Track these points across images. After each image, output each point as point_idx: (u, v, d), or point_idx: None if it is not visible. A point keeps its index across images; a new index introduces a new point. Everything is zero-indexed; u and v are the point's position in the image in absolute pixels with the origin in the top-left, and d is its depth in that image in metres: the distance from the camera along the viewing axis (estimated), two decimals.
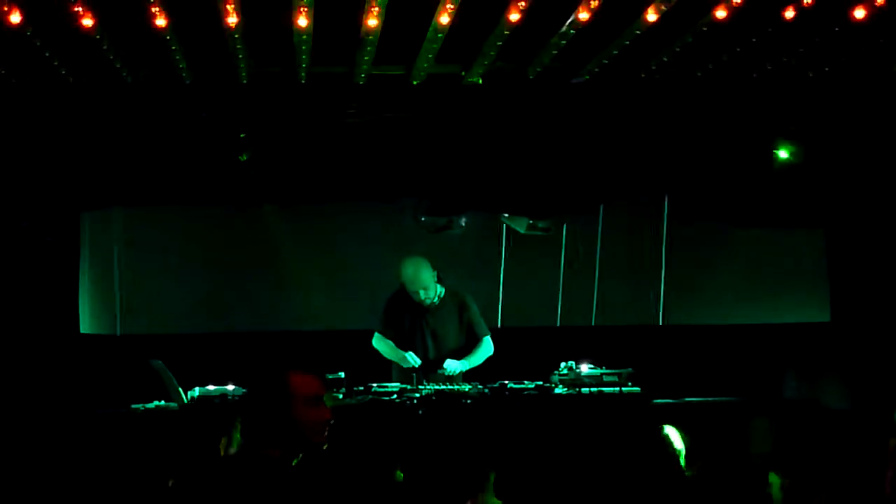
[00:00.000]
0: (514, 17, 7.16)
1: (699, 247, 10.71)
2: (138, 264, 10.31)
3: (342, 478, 6.69)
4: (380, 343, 8.85)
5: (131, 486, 7.10)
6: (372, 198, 10.06)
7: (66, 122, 9.14)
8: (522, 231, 9.85)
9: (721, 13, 7.30)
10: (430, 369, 8.61)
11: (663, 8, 7.06)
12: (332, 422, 4.00)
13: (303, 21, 7.27)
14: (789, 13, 7.46)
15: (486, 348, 8.86)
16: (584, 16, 7.13)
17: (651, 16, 7.20)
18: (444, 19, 7.22)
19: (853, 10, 7.45)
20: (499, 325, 9.81)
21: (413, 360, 8.57)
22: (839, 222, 10.32)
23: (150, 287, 10.30)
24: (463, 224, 9.68)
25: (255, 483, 3.64)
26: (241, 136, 9.12)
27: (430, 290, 8.70)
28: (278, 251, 10.32)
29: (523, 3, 7.01)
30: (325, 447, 4.03)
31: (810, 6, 7.28)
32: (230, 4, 7.07)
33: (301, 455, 3.87)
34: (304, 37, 7.60)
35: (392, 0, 7.03)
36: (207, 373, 8.38)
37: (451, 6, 7.03)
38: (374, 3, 6.93)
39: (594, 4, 7.05)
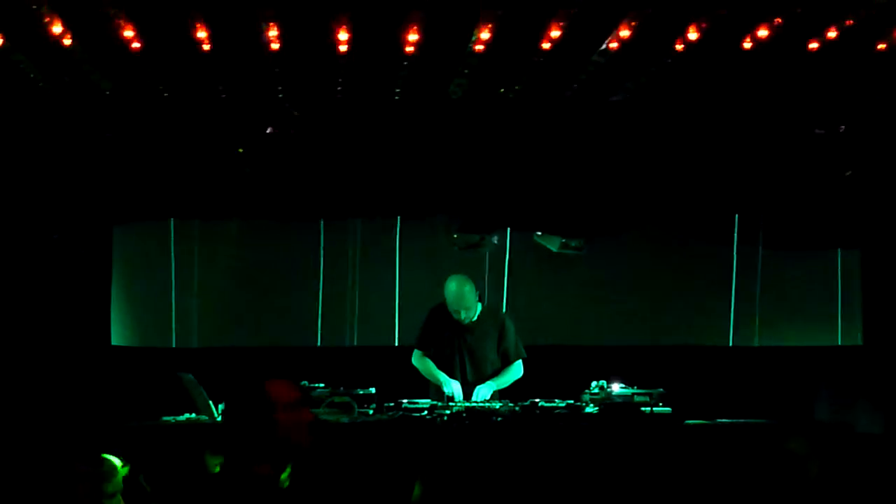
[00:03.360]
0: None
1: (732, 268, 10.69)
2: (169, 277, 10.37)
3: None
4: (419, 361, 8.84)
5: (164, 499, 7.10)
6: (405, 215, 10.08)
7: (100, 134, 9.19)
8: (555, 250, 9.83)
9: (763, 32, 7.29)
10: (468, 390, 8.59)
11: (704, 26, 7.05)
12: (313, 422, 4.03)
13: (343, 36, 7.31)
14: (832, 33, 7.46)
15: (516, 371, 8.84)
16: (624, 33, 7.13)
17: (692, 34, 7.18)
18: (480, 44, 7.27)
19: None
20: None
21: (451, 389, 8.55)
22: (874, 244, 10.26)
23: (179, 300, 10.34)
24: (495, 241, 9.69)
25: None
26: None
27: (472, 309, 8.70)
28: (312, 267, 10.35)
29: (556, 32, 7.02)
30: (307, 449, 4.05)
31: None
32: (272, 28, 7.12)
33: (290, 469, 3.89)
34: (343, 52, 7.65)
35: (429, 20, 7.04)
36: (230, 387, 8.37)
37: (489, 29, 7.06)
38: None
39: (630, 27, 7.06)
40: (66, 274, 9.74)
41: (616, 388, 8.40)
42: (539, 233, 9.86)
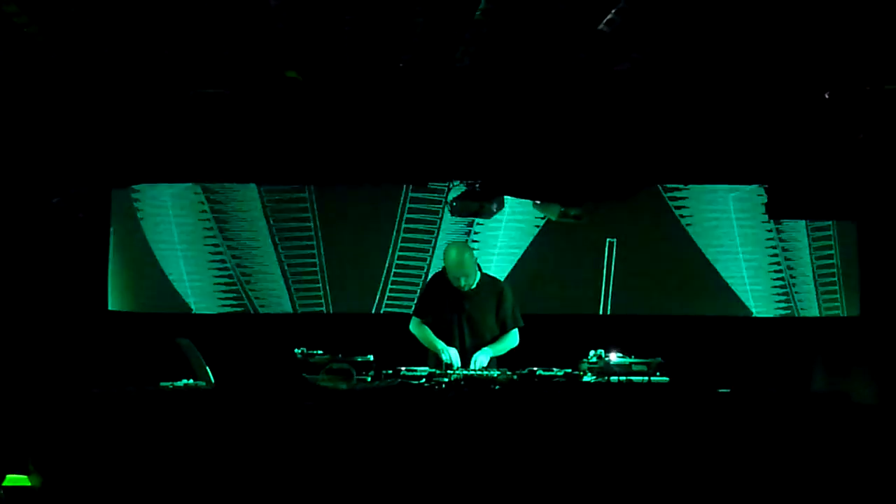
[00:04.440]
0: None
1: (730, 239, 10.70)
2: (162, 242, 10.36)
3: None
4: (417, 328, 8.87)
5: (163, 464, 7.13)
6: (404, 181, 10.07)
7: (96, 97, 9.14)
8: (554, 218, 9.82)
9: None
10: (466, 357, 8.62)
11: None
12: None
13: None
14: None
15: (512, 339, 8.88)
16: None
17: None
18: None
19: None
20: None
21: (449, 356, 8.56)
22: (872, 216, 10.25)
23: (179, 265, 10.34)
24: (494, 210, 9.67)
25: None
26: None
27: (472, 276, 8.72)
28: (308, 233, 10.34)
29: None
30: None
31: None
32: None
33: None
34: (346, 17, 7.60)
35: None
36: (236, 353, 8.40)
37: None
38: None
39: None
40: (63, 238, 9.72)
41: (614, 357, 8.42)
42: (538, 201, 9.85)
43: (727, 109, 9.30)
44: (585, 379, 8.25)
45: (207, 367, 8.05)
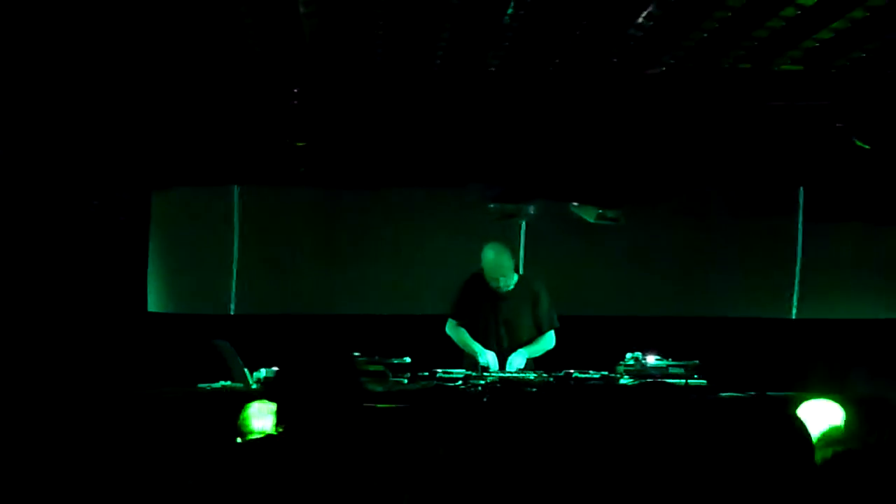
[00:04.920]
0: None
1: (768, 240, 10.65)
2: (202, 244, 10.42)
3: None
4: (453, 331, 8.86)
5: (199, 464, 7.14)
6: (442, 183, 10.07)
7: (138, 101, 9.20)
8: (591, 220, 9.80)
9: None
10: (503, 358, 8.61)
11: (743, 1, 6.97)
12: None
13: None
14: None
15: (549, 341, 8.86)
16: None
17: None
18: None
19: None
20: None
21: (486, 360, 8.55)
22: None
23: (215, 267, 10.40)
24: (531, 212, 9.66)
25: None
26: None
27: (509, 277, 8.70)
28: (346, 234, 10.38)
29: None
30: None
31: None
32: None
33: None
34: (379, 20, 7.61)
35: None
36: (271, 355, 8.42)
37: None
38: None
39: None
40: (103, 240, 9.80)
41: (651, 359, 8.39)
42: (575, 203, 9.83)
43: (764, 112, 9.26)
44: (622, 381, 8.24)
45: (245, 369, 8.08)
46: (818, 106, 9.14)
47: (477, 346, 8.66)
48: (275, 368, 8.12)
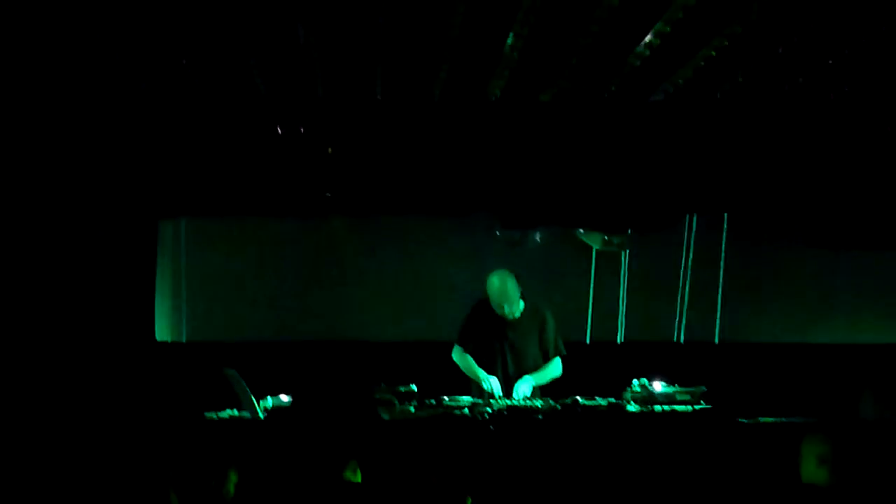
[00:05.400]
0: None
1: (770, 265, 10.66)
2: (208, 273, 10.46)
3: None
4: (460, 357, 8.87)
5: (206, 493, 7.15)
6: (446, 211, 10.09)
7: (143, 131, 9.26)
8: (597, 247, 9.82)
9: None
10: (509, 385, 8.61)
11: (739, 29, 7.01)
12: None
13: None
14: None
15: (555, 368, 8.84)
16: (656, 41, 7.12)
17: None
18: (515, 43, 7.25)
19: None
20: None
21: (490, 385, 8.56)
22: None
23: (220, 296, 10.43)
24: (538, 239, 9.68)
25: None
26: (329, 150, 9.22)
27: (515, 304, 8.70)
28: (353, 263, 10.41)
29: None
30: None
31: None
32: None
33: None
34: (380, 53, 7.66)
35: (467, 19, 7.02)
36: (281, 383, 8.43)
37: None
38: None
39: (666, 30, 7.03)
40: (111, 269, 9.82)
41: (658, 386, 8.37)
42: (581, 230, 9.85)
43: (771, 136, 9.29)
44: (629, 408, 8.22)
45: (253, 398, 8.09)
46: (816, 130, 9.20)
47: (481, 373, 8.67)
48: (282, 397, 8.14)
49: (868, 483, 6.25)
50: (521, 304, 8.80)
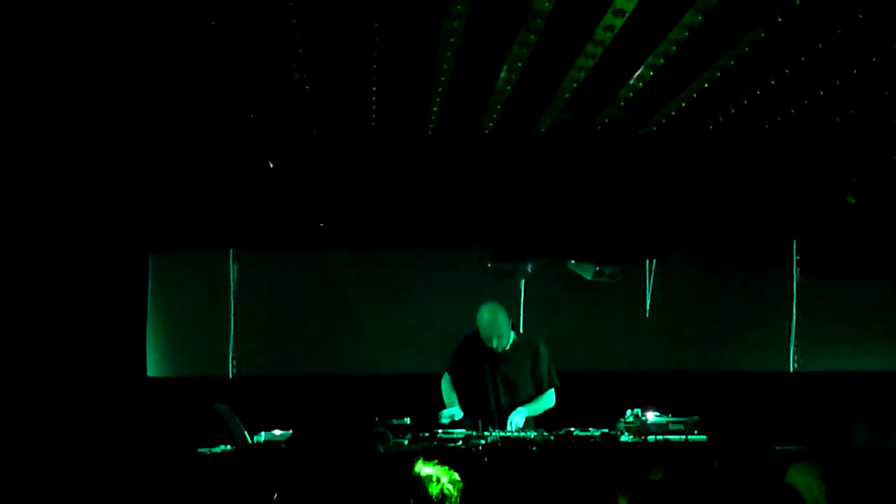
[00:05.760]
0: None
1: (764, 294, 10.69)
2: (199, 307, 10.44)
3: None
4: (445, 385, 8.88)
5: None
6: (438, 243, 10.11)
7: (136, 166, 9.26)
8: (589, 277, 9.84)
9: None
10: (502, 417, 8.61)
11: (731, 62, 7.05)
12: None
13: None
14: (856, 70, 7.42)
15: (549, 400, 8.85)
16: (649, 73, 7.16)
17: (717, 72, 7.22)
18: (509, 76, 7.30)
19: None
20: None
21: (448, 417, 8.59)
22: None
23: (213, 330, 10.41)
24: (529, 270, 9.69)
25: None
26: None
27: (504, 337, 8.71)
28: (345, 295, 10.40)
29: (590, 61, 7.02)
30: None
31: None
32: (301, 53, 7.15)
33: None
34: (374, 88, 7.68)
35: (461, 53, 7.06)
36: (274, 417, 8.41)
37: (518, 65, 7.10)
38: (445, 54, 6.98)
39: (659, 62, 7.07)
40: (102, 304, 9.80)
41: (651, 416, 8.38)
42: (573, 261, 9.86)
43: (757, 167, 9.34)
44: (623, 439, 8.22)
45: (246, 433, 8.07)
46: (809, 159, 9.25)
47: (448, 401, 8.72)
48: (276, 432, 8.12)
49: None
50: (512, 336, 8.80)
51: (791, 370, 10.61)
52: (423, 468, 5.50)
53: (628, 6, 6.19)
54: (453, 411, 8.64)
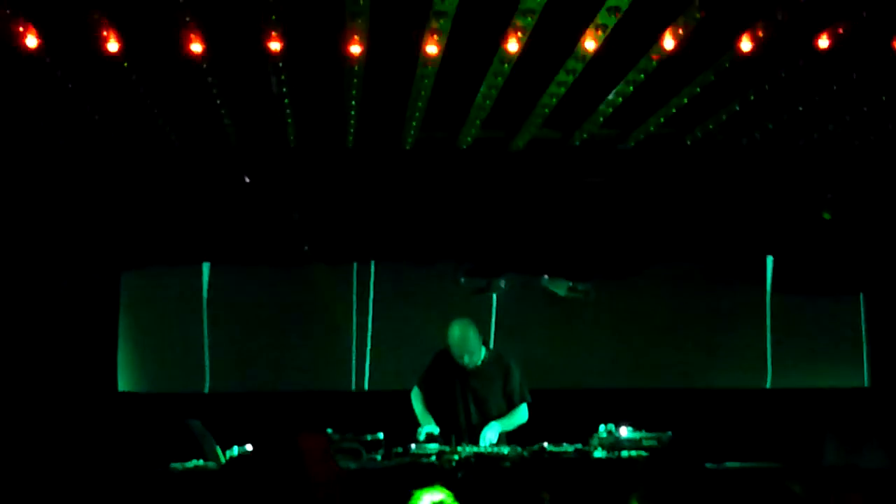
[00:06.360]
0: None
1: (737, 311, 10.73)
2: (175, 322, 10.40)
3: None
4: (415, 398, 8.88)
5: None
6: (413, 260, 10.11)
7: (108, 182, 9.23)
8: (562, 294, 9.86)
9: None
10: (473, 433, 8.59)
11: (711, 77, 7.11)
12: (343, 475, 4.03)
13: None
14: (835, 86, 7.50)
15: (521, 415, 8.84)
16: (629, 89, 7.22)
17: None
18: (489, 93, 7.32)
19: None
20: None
21: (423, 434, 8.56)
22: (877, 287, 10.29)
23: (188, 346, 10.38)
24: (503, 286, 9.69)
25: None
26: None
27: (476, 354, 8.70)
28: (316, 311, 10.39)
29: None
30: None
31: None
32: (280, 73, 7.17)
33: None
34: (353, 103, 7.70)
35: (441, 70, 7.08)
36: (246, 433, 8.38)
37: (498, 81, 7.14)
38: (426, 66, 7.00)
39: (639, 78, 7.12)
40: (73, 320, 9.75)
41: (624, 431, 8.39)
42: (547, 277, 9.88)
43: (733, 184, 9.40)
44: (596, 454, 8.22)
45: (218, 448, 8.03)
46: (785, 176, 9.32)
47: (422, 419, 8.69)
48: (248, 447, 8.09)
49: None
50: (483, 352, 8.79)
51: (768, 386, 10.65)
52: (426, 496, 5.42)
53: (610, 22, 6.24)
54: (430, 428, 8.62)
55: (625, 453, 8.19)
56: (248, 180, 8.94)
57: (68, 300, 9.75)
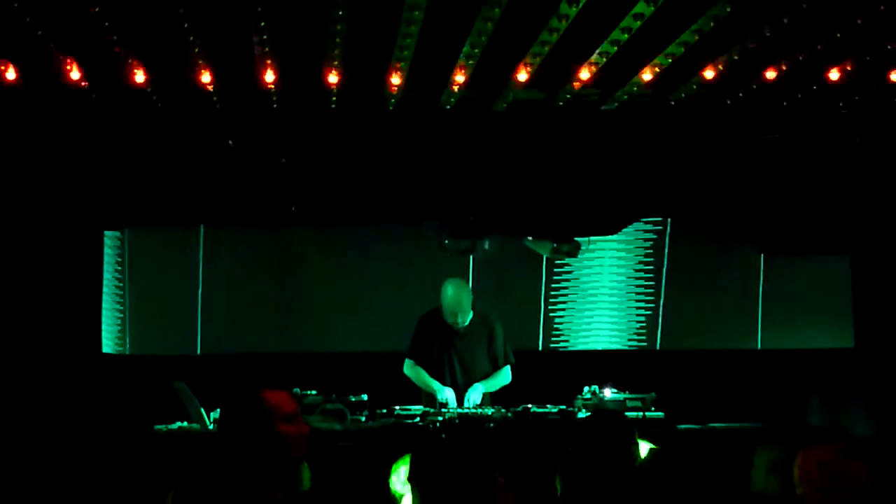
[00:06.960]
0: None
1: (721, 272, 10.73)
2: (159, 284, 10.37)
3: None
4: (411, 370, 8.83)
5: None
6: (396, 220, 10.08)
7: (91, 142, 9.17)
8: (547, 255, 9.85)
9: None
10: (458, 394, 8.59)
11: (696, 37, 7.07)
12: (310, 434, 4.01)
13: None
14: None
15: (505, 376, 8.84)
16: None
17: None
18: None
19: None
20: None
21: (445, 396, 8.54)
22: (864, 248, 10.28)
23: (172, 307, 10.35)
24: (486, 248, 9.66)
25: None
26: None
27: (466, 314, 8.70)
28: (302, 272, 10.37)
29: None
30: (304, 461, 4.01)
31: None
32: (262, 26, 7.10)
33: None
34: (336, 61, 7.64)
35: (425, 26, 7.02)
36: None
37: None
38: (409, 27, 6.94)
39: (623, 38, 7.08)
40: (56, 281, 9.70)
41: (608, 393, 8.41)
42: (530, 238, 9.85)
43: (714, 144, 9.39)
44: (580, 416, 8.24)
45: (203, 410, 8.03)
46: (771, 137, 9.30)
47: (435, 384, 8.64)
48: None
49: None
50: (471, 314, 8.79)
51: (759, 347, 10.66)
52: (403, 469, 5.36)
53: None
54: (446, 390, 8.58)
55: None
56: (231, 143, 8.88)
57: (52, 260, 9.69)
